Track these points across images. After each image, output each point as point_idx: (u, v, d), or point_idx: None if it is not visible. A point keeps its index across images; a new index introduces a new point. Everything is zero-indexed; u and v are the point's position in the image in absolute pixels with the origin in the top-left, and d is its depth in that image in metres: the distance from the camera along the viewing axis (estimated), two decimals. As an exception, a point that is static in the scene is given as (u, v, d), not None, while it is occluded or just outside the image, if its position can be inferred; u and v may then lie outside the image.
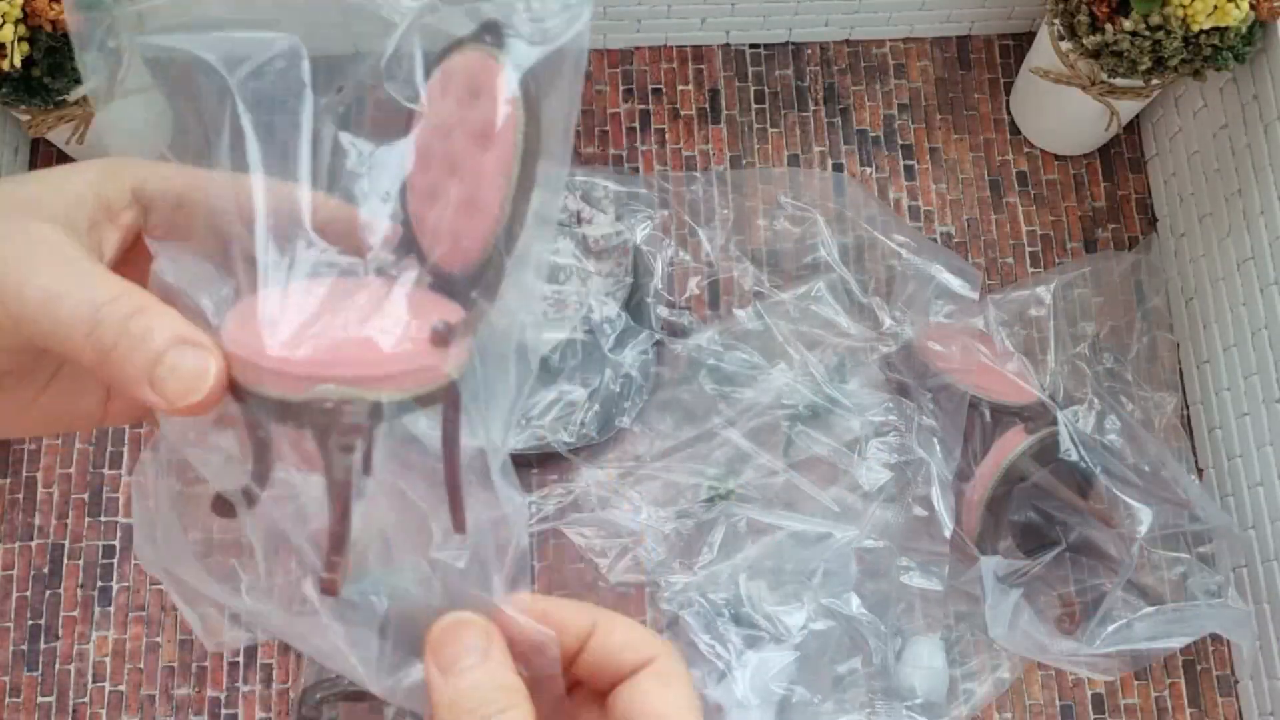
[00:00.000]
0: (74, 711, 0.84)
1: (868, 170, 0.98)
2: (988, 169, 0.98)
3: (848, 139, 0.98)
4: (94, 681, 0.84)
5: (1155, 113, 0.97)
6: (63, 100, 0.80)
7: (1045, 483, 0.82)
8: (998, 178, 0.98)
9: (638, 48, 1.00)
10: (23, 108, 0.81)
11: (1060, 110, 0.92)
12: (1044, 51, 0.89)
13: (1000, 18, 0.99)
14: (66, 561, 0.86)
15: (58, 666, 0.84)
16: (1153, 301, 0.95)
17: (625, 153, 0.97)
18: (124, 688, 0.84)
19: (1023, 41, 1.00)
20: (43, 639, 0.85)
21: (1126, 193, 0.98)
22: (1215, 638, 0.86)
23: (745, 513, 0.86)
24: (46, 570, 0.86)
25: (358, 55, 0.28)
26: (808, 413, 0.89)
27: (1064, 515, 0.83)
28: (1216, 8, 0.76)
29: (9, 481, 0.88)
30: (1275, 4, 0.78)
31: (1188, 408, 0.93)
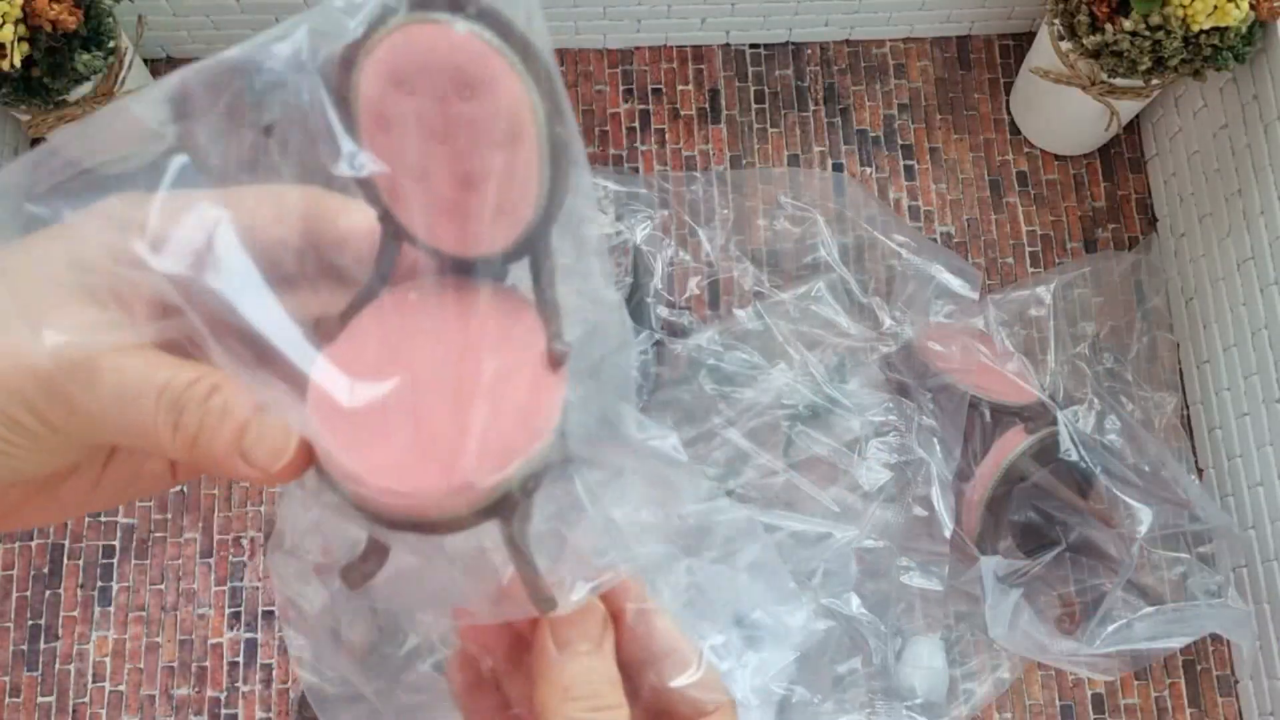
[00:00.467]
0: (74, 711, 0.84)
1: (868, 170, 0.98)
2: (988, 169, 0.98)
3: (848, 139, 0.98)
4: (94, 681, 0.84)
5: (1155, 113, 0.97)
6: (63, 100, 0.80)
7: (1045, 483, 0.82)
8: (998, 178, 0.98)
9: (638, 48, 0.99)
10: (23, 108, 0.81)
11: (1060, 110, 0.92)
12: (1044, 51, 0.89)
13: (1000, 18, 0.99)
14: (66, 561, 0.86)
15: (58, 666, 0.84)
16: (1153, 301, 0.95)
17: (625, 153, 0.97)
18: (124, 688, 0.84)
19: (1023, 41, 1.00)
20: (43, 639, 0.85)
21: (1126, 193, 0.98)
22: (1215, 638, 0.86)
23: (745, 513, 0.86)
24: (46, 570, 0.86)
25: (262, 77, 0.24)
26: (808, 413, 0.89)
27: (1064, 515, 0.83)
28: (1216, 8, 0.76)
29: (9, 481, 0.88)
30: (1275, 4, 0.78)
31: (1188, 408, 0.93)
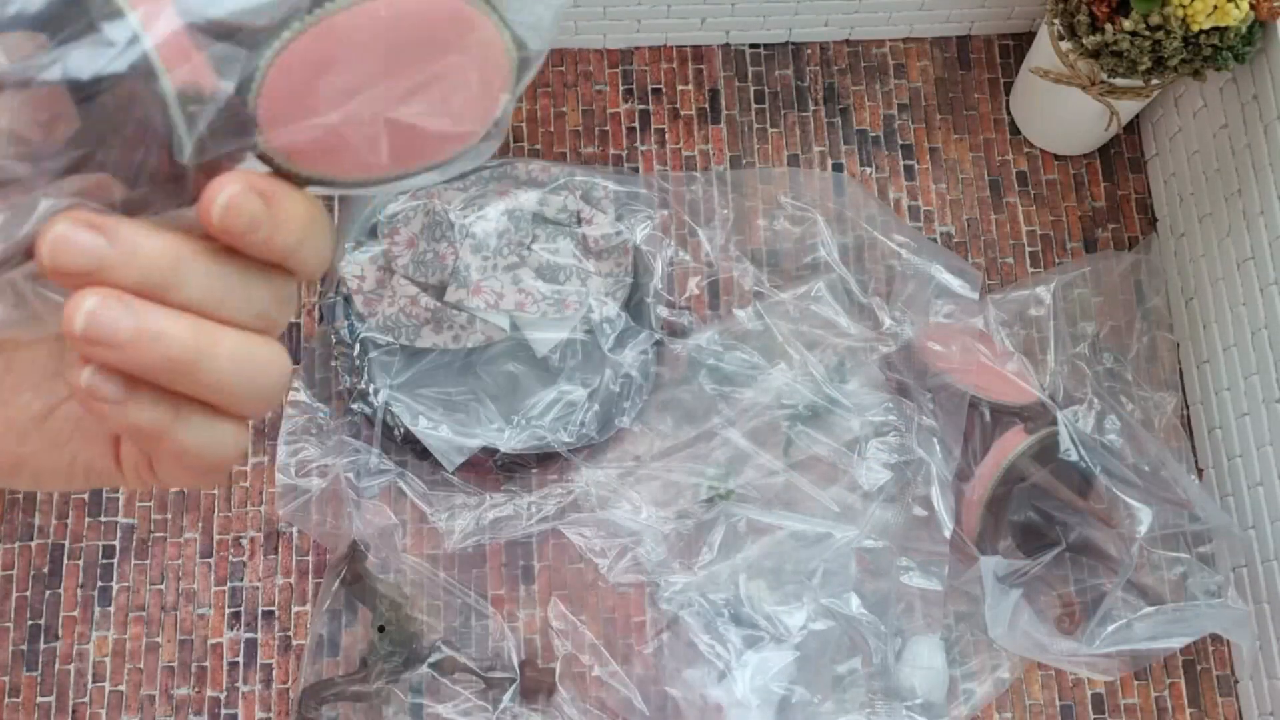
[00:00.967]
0: (74, 711, 0.84)
1: (868, 170, 0.98)
2: (988, 169, 0.98)
3: (848, 139, 0.98)
4: (94, 681, 0.84)
5: (1155, 113, 0.97)
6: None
7: (1045, 483, 0.82)
8: (998, 178, 0.98)
9: (638, 48, 0.99)
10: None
11: (1060, 110, 0.92)
12: (1044, 51, 0.89)
13: (1000, 18, 0.99)
14: (66, 561, 0.86)
15: (58, 666, 0.84)
16: (1153, 301, 0.95)
17: (625, 153, 0.97)
18: (124, 688, 0.84)
19: (1023, 41, 1.00)
20: (43, 639, 0.85)
21: (1126, 193, 0.98)
22: (1215, 638, 0.86)
23: (745, 513, 0.86)
24: (46, 570, 0.86)
25: None
26: (808, 413, 0.89)
27: (1064, 515, 0.83)
28: (1216, 8, 0.76)
29: (9, 481, 0.88)
30: (1275, 4, 0.78)
31: (1188, 408, 0.93)
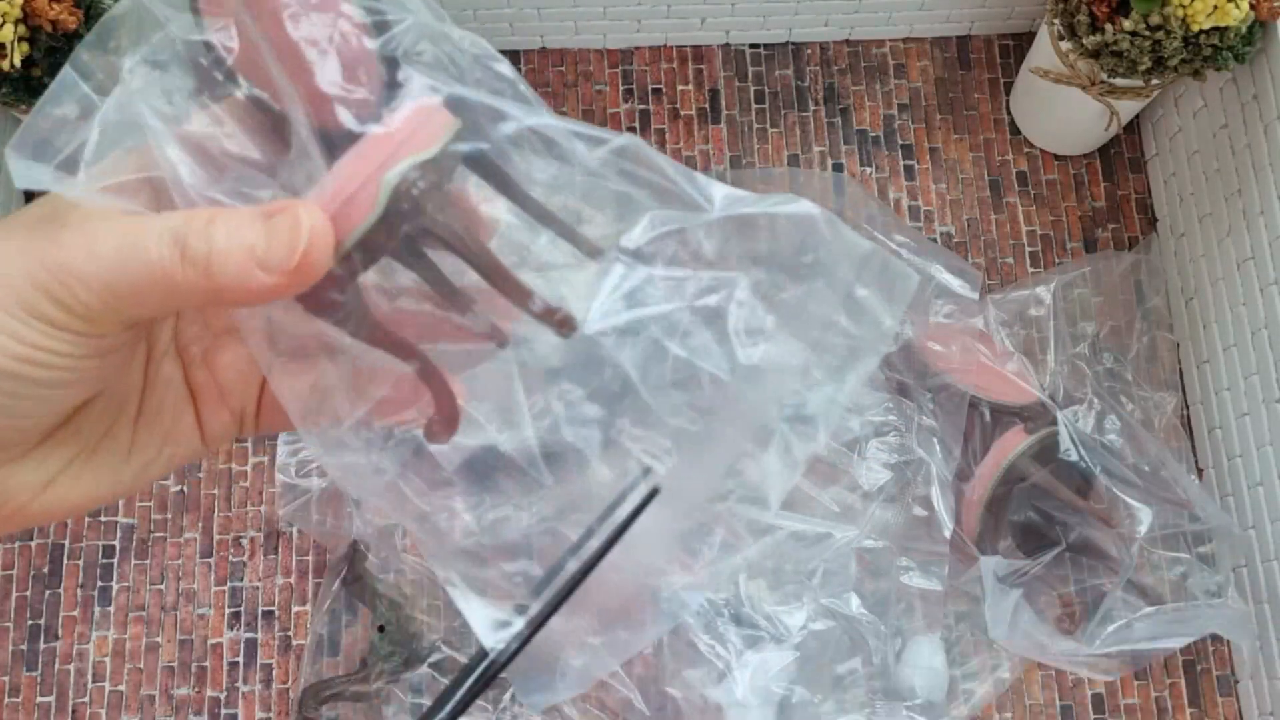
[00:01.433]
0: (74, 711, 0.84)
1: (868, 170, 0.98)
2: (988, 169, 0.98)
3: (848, 139, 0.98)
4: (94, 681, 0.84)
5: (1155, 113, 0.97)
6: (63, 100, 0.80)
7: (1045, 483, 0.82)
8: (998, 178, 0.98)
9: (638, 48, 0.99)
10: (23, 108, 0.81)
11: (1060, 110, 0.92)
12: (1044, 51, 0.89)
13: (1000, 18, 0.99)
14: (66, 561, 0.86)
15: (58, 666, 0.84)
16: (1153, 301, 0.95)
17: (625, 153, 0.97)
18: (124, 688, 0.84)
19: (1023, 41, 1.00)
20: (43, 639, 0.85)
21: (1126, 193, 0.98)
22: (1215, 638, 0.86)
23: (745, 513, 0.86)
24: (46, 570, 0.86)
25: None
26: (808, 413, 0.89)
27: (1064, 515, 0.83)
28: (1216, 8, 0.76)
29: (9, 481, 0.88)
30: (1275, 4, 0.78)
31: (1188, 408, 0.93)
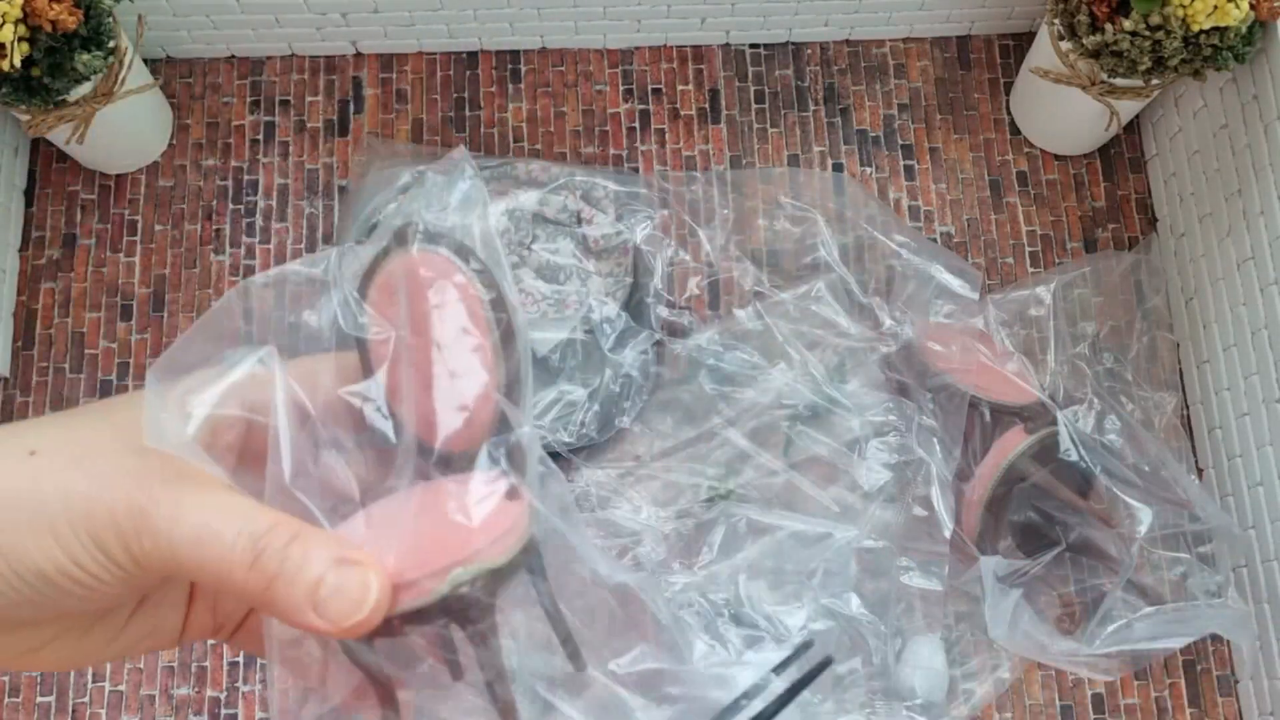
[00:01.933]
0: (74, 711, 0.84)
1: (868, 170, 0.98)
2: (988, 169, 0.98)
3: (848, 139, 0.98)
4: (94, 681, 0.84)
5: (1155, 113, 0.97)
6: (63, 100, 0.80)
7: (1045, 483, 0.82)
8: (998, 178, 0.98)
9: (638, 48, 0.99)
10: (22, 108, 0.81)
11: (1060, 110, 0.92)
12: (1044, 51, 0.89)
13: (1000, 18, 0.99)
14: (66, 561, 0.86)
15: (58, 666, 0.84)
16: (1153, 301, 0.95)
17: (625, 153, 0.97)
18: (124, 688, 0.84)
19: (1023, 41, 1.00)
20: (43, 639, 0.85)
21: (1126, 193, 0.98)
22: (1215, 638, 0.86)
23: (745, 513, 0.86)
24: (46, 570, 0.86)
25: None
26: (808, 413, 0.89)
27: (1064, 515, 0.83)
28: (1216, 8, 0.76)
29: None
30: (1275, 4, 0.78)
31: (1188, 408, 0.93)
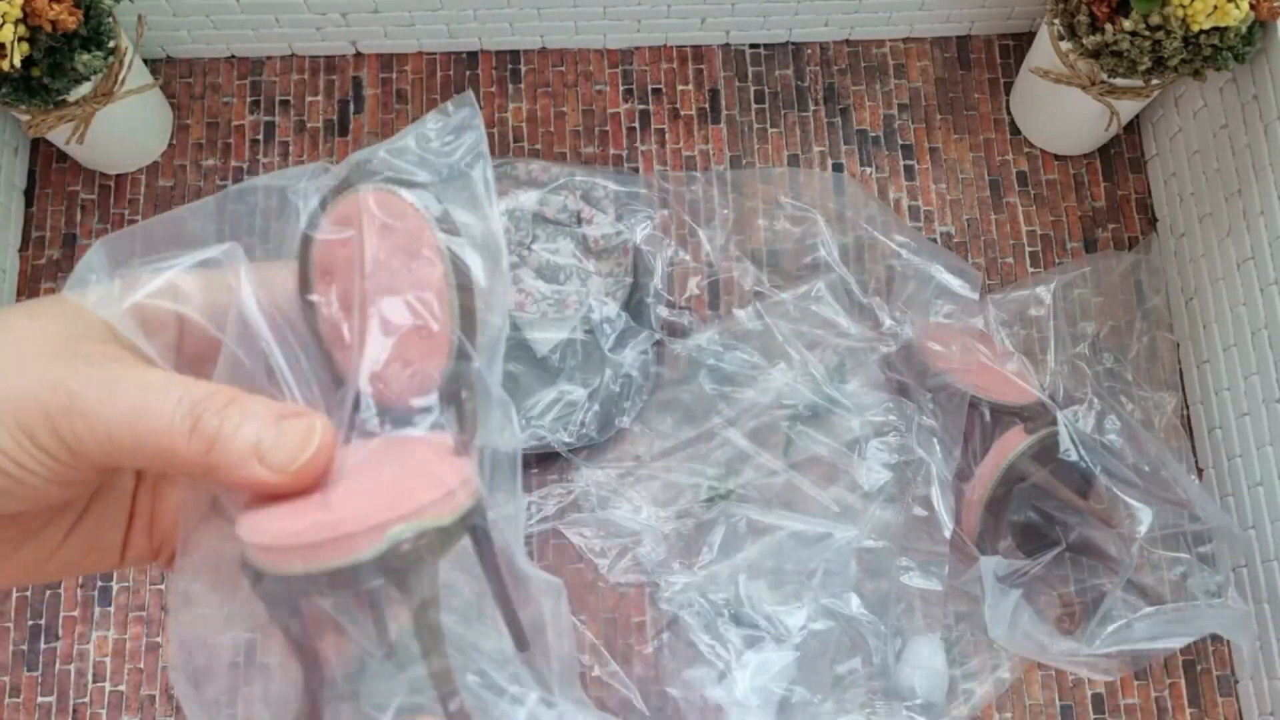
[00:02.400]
0: (74, 711, 0.84)
1: (868, 170, 0.98)
2: (988, 169, 0.98)
3: (848, 139, 0.98)
4: (94, 681, 0.84)
5: (1155, 113, 0.97)
6: (63, 100, 0.80)
7: (1045, 483, 0.82)
8: (998, 178, 0.98)
9: (638, 48, 0.99)
10: (22, 108, 0.81)
11: (1060, 110, 0.92)
12: (1044, 51, 0.89)
13: (1000, 18, 0.99)
14: (66, 561, 0.86)
15: (58, 666, 0.84)
16: (1153, 301, 0.95)
17: (625, 153, 0.97)
18: (124, 688, 0.84)
19: (1023, 41, 1.00)
20: (43, 639, 0.85)
21: (1126, 193, 0.98)
22: (1215, 638, 0.86)
23: (745, 513, 0.86)
24: (46, 570, 0.86)
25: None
26: (808, 413, 0.89)
27: (1064, 515, 0.83)
28: (1216, 8, 0.76)
29: (9, 481, 0.88)
30: (1275, 4, 0.78)
31: (1188, 408, 0.93)
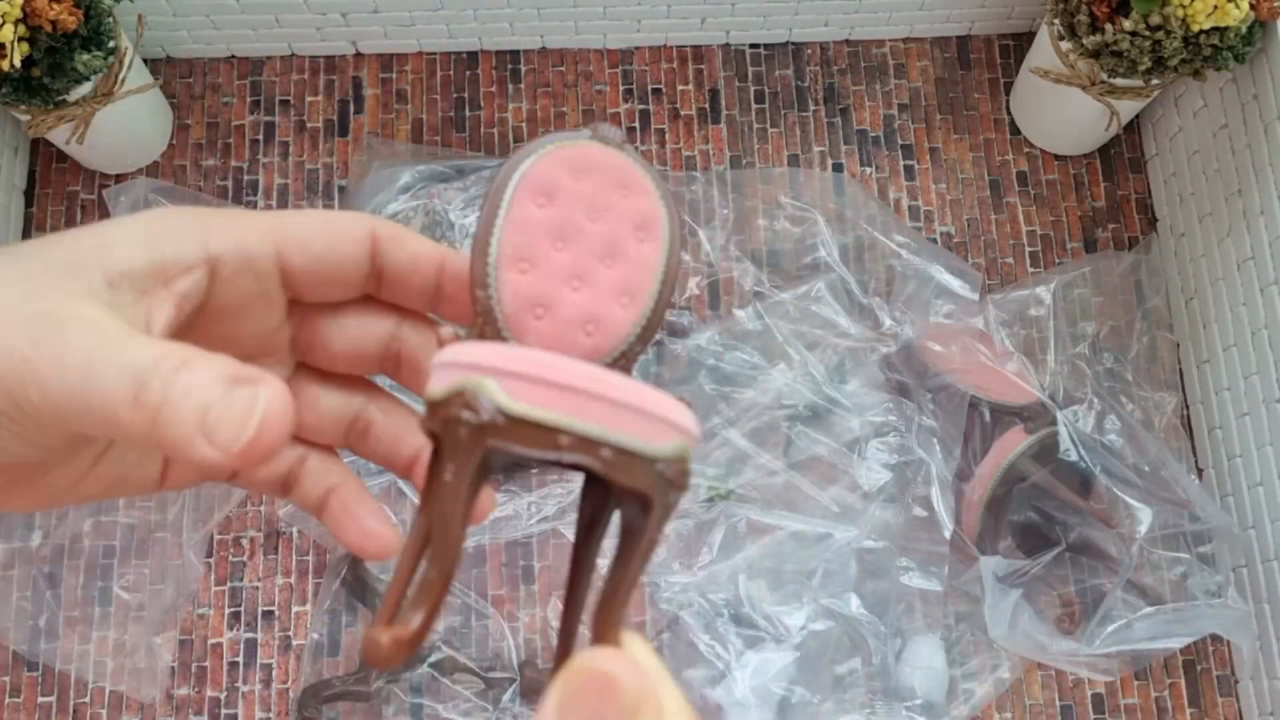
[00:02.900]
0: (74, 711, 0.84)
1: (868, 170, 0.98)
2: (988, 169, 0.98)
3: (848, 139, 0.98)
4: (95, 681, 0.84)
5: (1155, 113, 0.97)
6: (63, 100, 0.80)
7: (1045, 483, 0.82)
8: (998, 178, 0.98)
9: (638, 48, 0.99)
10: (22, 108, 0.81)
11: (1060, 110, 0.92)
12: (1044, 51, 0.89)
13: (1000, 18, 0.99)
14: (67, 561, 0.86)
15: (58, 666, 0.84)
16: (1153, 301, 0.95)
17: (625, 153, 0.97)
18: (124, 688, 0.84)
19: (1023, 41, 1.00)
20: (43, 639, 0.85)
21: (1126, 193, 0.98)
22: (1215, 638, 0.86)
23: (745, 513, 0.86)
24: (47, 570, 0.86)
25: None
26: (808, 413, 0.89)
27: (1064, 515, 0.83)
28: (1216, 8, 0.76)
29: (9, 481, 0.88)
30: (1275, 4, 0.78)
31: (1188, 408, 0.93)
